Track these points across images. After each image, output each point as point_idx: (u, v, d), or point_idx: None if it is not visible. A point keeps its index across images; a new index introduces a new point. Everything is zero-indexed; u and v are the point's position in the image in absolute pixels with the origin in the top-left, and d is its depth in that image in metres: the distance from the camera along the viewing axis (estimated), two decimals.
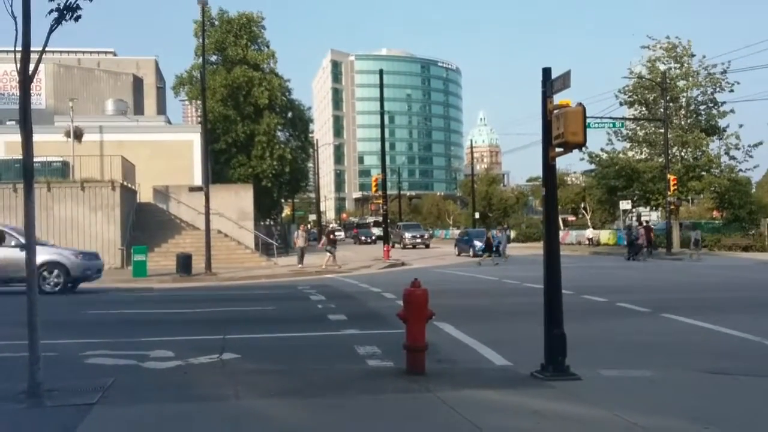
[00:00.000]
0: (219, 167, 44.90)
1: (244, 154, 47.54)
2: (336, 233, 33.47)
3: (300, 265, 29.46)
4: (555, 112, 7.91)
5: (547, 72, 8.20)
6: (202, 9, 30.55)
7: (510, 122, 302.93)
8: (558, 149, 7.98)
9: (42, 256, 17.01)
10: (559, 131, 7.76)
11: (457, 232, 67.59)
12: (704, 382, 7.90)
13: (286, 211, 71.70)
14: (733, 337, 10.75)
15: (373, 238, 68.44)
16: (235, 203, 36.01)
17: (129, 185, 33.68)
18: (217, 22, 50.31)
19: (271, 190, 49.14)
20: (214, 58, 50.78)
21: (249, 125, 47.59)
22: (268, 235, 40.02)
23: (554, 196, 8.43)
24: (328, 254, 29.83)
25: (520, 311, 14.33)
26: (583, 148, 48.06)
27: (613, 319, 13.25)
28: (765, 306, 14.76)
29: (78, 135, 35.79)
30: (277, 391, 7.29)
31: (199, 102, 39.96)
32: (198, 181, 36.19)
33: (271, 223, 56.79)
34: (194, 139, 40.05)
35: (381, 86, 41.09)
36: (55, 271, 19.65)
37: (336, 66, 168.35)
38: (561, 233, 69.62)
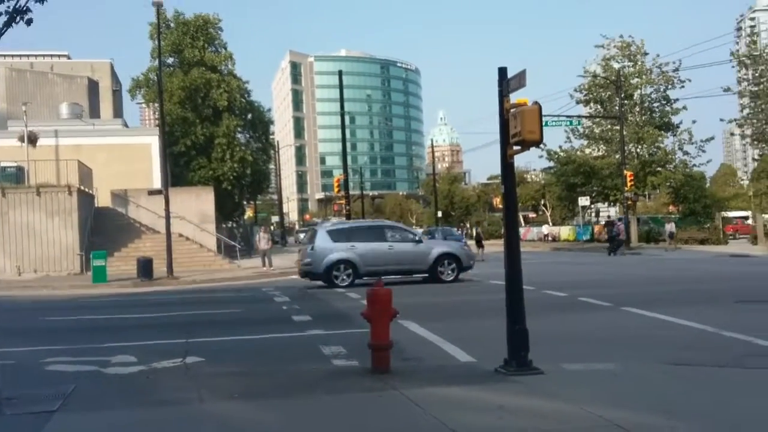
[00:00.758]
0: (179, 170, 44.36)
1: (204, 157, 47.08)
2: None
3: (264, 267, 29.29)
4: (512, 111, 7.99)
5: (503, 71, 8.27)
6: (157, 11, 30.17)
7: (470, 121, 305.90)
8: (516, 147, 8.06)
9: None
10: (516, 130, 7.84)
11: (420, 231, 67.79)
12: (667, 373, 8.01)
13: (249, 213, 71.11)
14: (692, 329, 10.95)
15: None
16: (196, 206, 35.61)
17: (86, 190, 33.06)
18: (173, 24, 49.68)
19: (233, 193, 48.73)
20: (170, 60, 50.14)
21: (208, 127, 47.16)
22: (230, 238, 39.69)
23: (513, 194, 8.52)
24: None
25: (484, 308, 14.46)
26: (542, 146, 49.07)
27: (575, 313, 13.45)
28: (718, 299, 15.11)
29: (32, 139, 34.99)
30: (241, 393, 7.25)
31: (156, 104, 39.44)
32: (157, 184, 35.69)
33: (234, 225, 56.33)
34: (152, 142, 39.46)
35: (341, 87, 41.08)
36: None
37: (295, 67, 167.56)
38: (522, 230, 70.59)
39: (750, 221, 54.29)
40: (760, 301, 14.49)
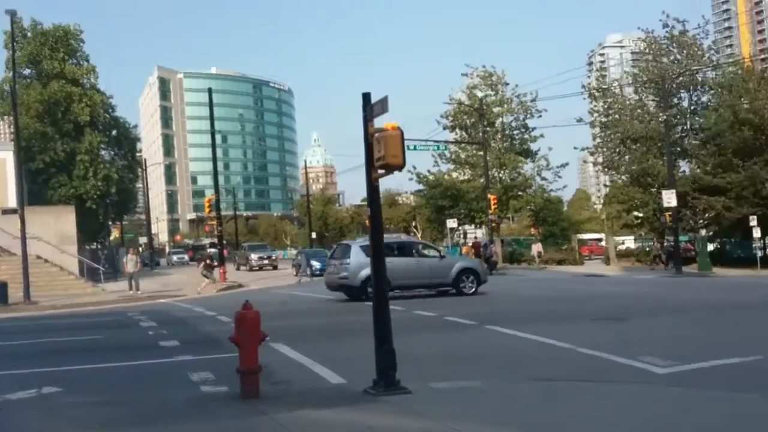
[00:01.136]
0: (37, 188, 41.90)
1: (64, 174, 44.72)
2: (213, 258, 32.54)
3: (131, 291, 28.15)
4: (376, 135, 8.14)
5: (366, 97, 8.46)
6: (11, 19, 28.51)
7: (344, 143, 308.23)
8: (380, 171, 8.22)
9: None
10: (380, 153, 8.01)
11: (294, 252, 67.48)
12: (530, 389, 8.35)
13: (115, 234, 68.06)
14: (553, 346, 11.48)
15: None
16: (56, 226, 33.66)
17: None
18: (30, 34, 47.08)
19: (97, 212, 46.58)
20: (27, 71, 47.47)
21: (69, 143, 44.92)
22: (94, 260, 37.75)
23: (379, 216, 8.71)
24: (206, 279, 28.94)
25: (356, 329, 14.55)
26: (412, 169, 50.32)
27: (442, 332, 13.89)
28: (575, 317, 16.12)
29: None
30: (103, 424, 6.97)
31: (11, 118, 37.14)
32: (12, 202, 33.45)
33: (98, 246, 53.65)
34: (7, 157, 36.98)
35: (210, 105, 40.42)
36: None
37: (164, 83, 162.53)
38: None
39: (603, 243, 58.12)
40: (611, 318, 15.54)
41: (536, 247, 45.16)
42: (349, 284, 21.94)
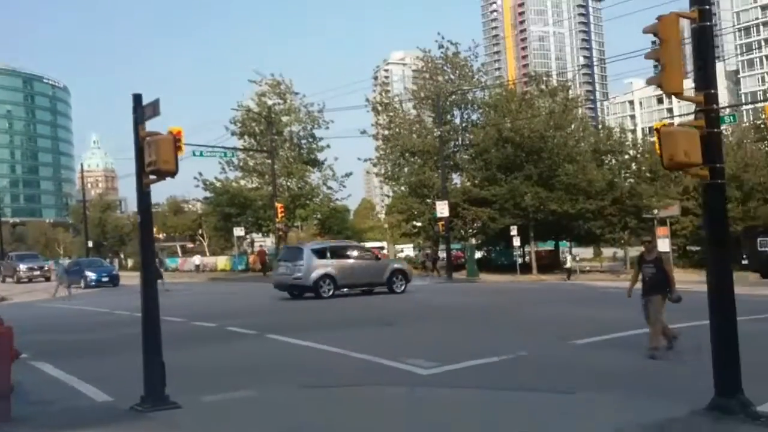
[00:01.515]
0: None
1: None
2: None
3: None
4: (147, 139, 7.94)
5: (137, 98, 8.25)
6: None
7: (127, 147, 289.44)
8: (152, 176, 8.03)
9: None
10: (151, 159, 7.79)
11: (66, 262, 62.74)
12: (302, 396, 8.61)
13: None
14: (328, 353, 11.90)
15: None
16: None
17: None
18: None
19: None
20: None
21: None
22: None
23: (149, 224, 8.53)
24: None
25: (128, 342, 13.92)
26: (198, 176, 49.16)
27: (221, 343, 13.83)
28: (350, 323, 16.83)
29: None
30: None
31: None
32: None
33: None
34: None
35: None
36: None
37: None
38: (179, 260, 69.56)
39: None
40: (384, 323, 16.39)
41: None
42: (303, 284, 23.92)
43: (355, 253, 26.39)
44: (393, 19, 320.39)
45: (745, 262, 36.14)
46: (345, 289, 24.41)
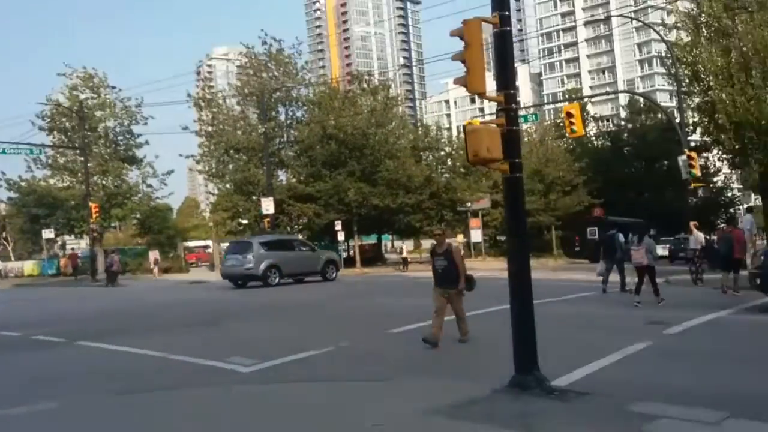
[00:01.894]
0: None
1: None
2: None
3: None
4: None
5: None
6: None
7: None
8: None
9: None
10: None
11: None
12: (112, 404, 8.23)
13: None
14: (145, 357, 11.45)
15: None
16: None
17: None
18: None
19: None
20: None
21: None
22: None
23: None
24: None
25: None
26: (1, 175, 45.29)
27: (26, 353, 12.87)
28: (172, 325, 16.33)
29: None
30: None
31: None
32: None
33: None
34: None
35: None
36: None
37: None
38: None
39: (210, 250, 59.37)
40: (205, 324, 16.09)
41: (153, 255, 44.94)
42: (253, 273, 26.56)
43: (296, 245, 30.08)
44: (214, 14, 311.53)
45: (577, 248, 40.08)
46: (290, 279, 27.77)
